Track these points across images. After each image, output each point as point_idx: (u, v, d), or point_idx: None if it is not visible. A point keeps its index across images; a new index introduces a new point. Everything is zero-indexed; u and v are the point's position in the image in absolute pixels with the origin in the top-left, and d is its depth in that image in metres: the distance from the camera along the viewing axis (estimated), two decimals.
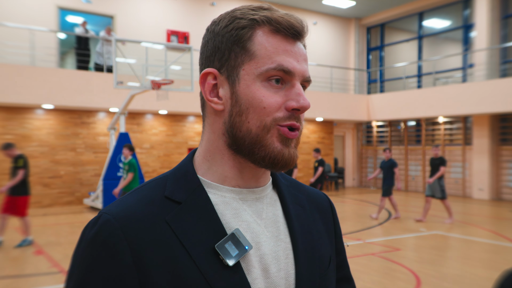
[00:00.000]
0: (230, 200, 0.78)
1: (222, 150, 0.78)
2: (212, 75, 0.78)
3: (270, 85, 0.74)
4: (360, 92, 17.59)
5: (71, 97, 10.70)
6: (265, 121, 0.74)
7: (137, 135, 12.63)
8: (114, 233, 0.69)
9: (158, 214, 0.73)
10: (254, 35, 0.75)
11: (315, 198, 0.93)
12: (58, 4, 12.17)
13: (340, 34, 17.67)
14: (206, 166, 0.80)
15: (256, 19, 0.75)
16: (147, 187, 0.78)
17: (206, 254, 0.71)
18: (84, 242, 0.72)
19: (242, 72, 0.75)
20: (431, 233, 8.30)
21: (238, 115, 0.75)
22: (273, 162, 0.75)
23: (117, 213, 0.72)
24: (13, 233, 8.13)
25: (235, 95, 0.75)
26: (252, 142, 0.75)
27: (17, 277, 5.45)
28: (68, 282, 0.72)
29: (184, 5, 14.15)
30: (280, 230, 0.81)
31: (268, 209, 0.81)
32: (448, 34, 16.15)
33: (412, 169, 15.67)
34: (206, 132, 0.81)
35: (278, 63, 0.74)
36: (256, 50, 0.74)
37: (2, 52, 11.08)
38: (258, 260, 0.75)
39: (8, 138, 10.98)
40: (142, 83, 9.40)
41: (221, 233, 0.73)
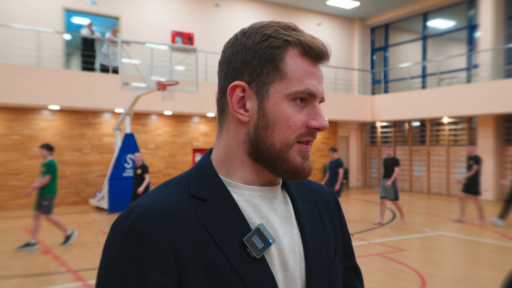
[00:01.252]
0: (250, 198, 0.83)
1: (241, 157, 0.84)
2: (241, 88, 0.82)
3: (295, 104, 0.81)
4: (364, 92, 17.59)
5: (77, 98, 10.78)
6: (289, 139, 0.81)
7: (142, 135, 12.70)
8: (152, 224, 0.73)
9: (188, 209, 0.77)
10: (286, 55, 0.80)
11: (320, 193, 0.99)
12: (64, 5, 12.25)
13: (344, 34, 17.68)
14: (225, 169, 0.85)
15: (290, 40, 0.80)
16: (171, 184, 0.82)
17: (235, 247, 0.77)
18: (119, 233, 0.74)
19: (272, 89, 0.80)
20: (436, 234, 8.31)
21: (264, 129, 0.80)
22: (295, 174, 0.83)
23: (150, 206, 0.75)
24: (21, 233, 8.21)
25: (262, 110, 0.80)
26: (275, 156, 0.81)
27: (25, 276, 5.51)
28: (105, 274, 0.73)
29: (188, 6, 14.20)
30: (293, 226, 0.87)
31: (281, 206, 0.88)
32: (452, 35, 16.13)
33: (416, 170, 15.66)
34: (224, 137, 0.85)
35: (306, 87, 0.80)
36: (288, 71, 0.80)
37: (9, 53, 11.17)
38: (277, 254, 0.81)
39: (15, 138, 11.08)
40: (148, 84, 9.46)
41: (246, 227, 0.79)
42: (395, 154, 16.42)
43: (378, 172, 17.04)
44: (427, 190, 15.16)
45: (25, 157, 11.16)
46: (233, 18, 14.93)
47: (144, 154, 12.43)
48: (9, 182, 10.92)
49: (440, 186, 14.73)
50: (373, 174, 17.18)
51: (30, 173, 11.16)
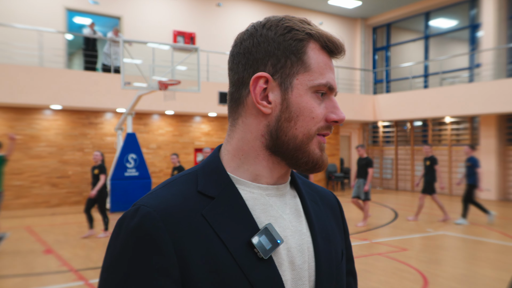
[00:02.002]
0: (258, 196, 0.82)
1: (257, 151, 0.82)
2: (264, 79, 0.80)
3: (317, 96, 0.81)
4: (366, 92, 17.57)
5: (79, 98, 10.79)
6: (311, 130, 0.81)
7: (144, 135, 12.70)
8: (157, 225, 0.72)
9: (194, 207, 0.76)
10: (308, 48, 0.81)
11: (325, 196, 0.98)
12: (66, 5, 12.26)
13: (346, 34, 17.65)
14: (236, 164, 0.83)
15: (312, 34, 0.81)
16: (179, 181, 0.81)
17: (242, 247, 0.75)
18: (124, 234, 0.73)
19: (296, 81, 0.80)
20: (438, 233, 8.29)
21: (286, 121, 0.80)
22: (315, 166, 0.83)
23: (156, 206, 0.74)
24: (23, 232, 8.22)
25: (286, 102, 0.80)
26: (296, 147, 0.81)
27: (27, 275, 5.52)
28: (109, 273, 0.73)
29: (190, 6, 14.20)
30: (302, 225, 0.86)
31: (290, 204, 0.86)
32: (454, 34, 16.09)
33: (418, 169, 15.62)
34: (239, 131, 0.84)
35: (327, 80, 0.81)
36: (311, 63, 0.81)
37: (11, 53, 11.19)
38: (285, 253, 0.80)
39: (17, 138, 11.09)
40: (149, 84, 9.46)
41: (254, 227, 0.78)
42: (397, 154, 16.40)
43: (380, 172, 17.02)
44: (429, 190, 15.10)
45: (27, 157, 11.17)
46: (235, 18, 14.93)
47: (145, 154, 12.44)
48: (11, 182, 10.93)
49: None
50: (375, 174, 17.15)
51: (32, 172, 11.18)
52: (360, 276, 5.50)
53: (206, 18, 14.39)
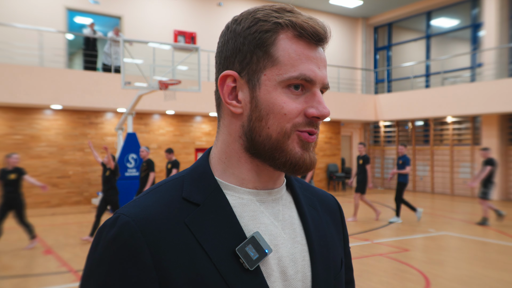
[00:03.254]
0: (247, 202, 0.77)
1: (238, 153, 0.77)
2: (231, 78, 0.76)
3: (290, 91, 0.74)
4: (368, 92, 17.53)
5: (79, 98, 10.76)
6: (285, 128, 0.74)
7: (144, 135, 12.68)
8: (135, 236, 0.68)
9: (176, 216, 0.71)
10: (277, 39, 0.74)
11: (325, 201, 0.92)
12: (66, 5, 12.24)
13: (347, 33, 17.61)
14: (222, 168, 0.79)
15: (280, 23, 0.74)
16: (164, 187, 0.77)
17: (226, 257, 0.70)
18: (103, 243, 0.70)
19: (263, 77, 0.74)
20: (440, 234, 8.25)
21: (257, 120, 0.74)
22: (295, 167, 0.75)
23: (136, 215, 0.70)
24: (22, 233, 8.20)
25: (255, 100, 0.74)
26: (272, 147, 0.74)
27: (26, 276, 5.49)
28: (86, 283, 0.70)
29: (191, 6, 14.18)
30: (296, 232, 0.80)
31: (284, 210, 0.81)
32: (456, 34, 16.04)
33: (420, 169, 15.58)
34: (221, 133, 0.80)
35: (300, 72, 0.73)
36: (279, 56, 0.73)
37: (11, 53, 11.17)
38: (276, 262, 0.75)
39: (17, 138, 11.07)
40: (150, 84, 9.43)
41: (240, 236, 0.73)
42: (398, 154, 16.33)
43: (381, 172, 16.97)
44: (430, 190, 15.08)
45: (28, 157, 11.15)
46: None
47: None
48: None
49: (444, 186, 14.65)
50: (377, 174, 17.11)
51: (33, 172, 11.15)
52: (361, 277, 5.47)
53: (207, 17, 14.36)
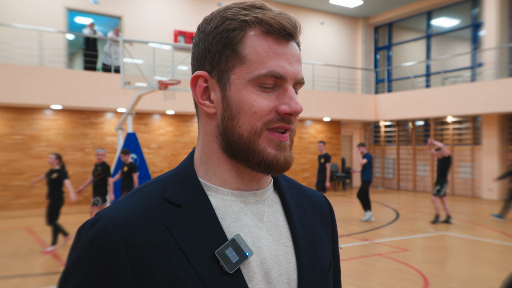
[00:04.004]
0: (231, 204, 0.76)
1: (217, 153, 0.77)
2: (203, 78, 0.76)
3: (261, 89, 0.73)
4: (368, 92, 17.51)
5: (79, 98, 10.77)
6: (256, 126, 0.73)
7: (144, 135, 12.68)
8: (112, 239, 0.67)
9: (157, 218, 0.71)
10: (245, 37, 0.73)
11: (315, 200, 0.91)
12: (67, 5, 12.25)
13: (348, 33, 17.60)
14: (204, 169, 0.78)
15: (247, 20, 0.73)
16: (147, 189, 0.76)
17: (206, 260, 0.69)
18: (81, 245, 0.69)
19: (233, 76, 0.73)
20: (439, 234, 8.24)
21: (230, 120, 0.74)
22: (269, 167, 0.74)
23: (115, 217, 0.70)
24: (22, 233, 8.21)
25: (226, 99, 0.74)
26: (245, 147, 0.74)
27: (25, 276, 5.49)
28: (63, 282, 0.70)
29: (191, 6, 14.18)
30: (281, 234, 0.79)
31: (269, 211, 0.80)
32: (456, 33, 16.03)
33: (420, 169, 15.57)
34: (201, 133, 0.80)
35: (269, 69, 0.72)
36: (247, 54, 0.73)
37: (11, 53, 11.18)
38: (259, 265, 0.74)
39: (17, 138, 11.08)
40: (149, 84, 9.43)
41: (221, 238, 0.72)
42: (399, 154, 16.34)
43: (381, 172, 16.96)
44: (431, 190, 15.06)
45: (28, 157, 11.16)
46: None
47: (146, 154, 12.42)
48: (12, 182, 10.93)
49: None
50: (377, 173, 17.10)
51: (33, 172, 11.16)
52: (360, 277, 5.46)
53: None
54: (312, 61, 15.78)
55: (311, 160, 15.47)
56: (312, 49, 16.47)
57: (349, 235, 8.10)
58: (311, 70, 15.38)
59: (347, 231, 8.48)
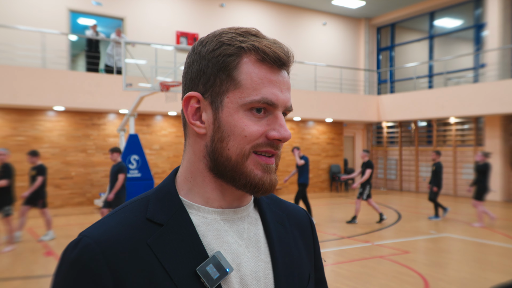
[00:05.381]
0: (212, 221, 0.78)
1: (203, 172, 0.79)
2: (195, 99, 0.78)
3: (252, 114, 0.76)
4: (370, 92, 17.49)
5: (82, 99, 10.80)
6: (244, 149, 0.75)
7: (146, 136, 12.71)
8: (95, 258, 0.69)
9: (139, 237, 0.72)
10: (240, 63, 0.75)
11: (295, 215, 0.93)
12: (69, 7, 12.29)
13: (350, 34, 17.58)
14: (187, 187, 0.80)
15: (244, 47, 0.75)
16: (129, 208, 0.78)
17: (187, 277, 0.71)
18: (65, 265, 0.71)
19: (226, 99, 0.76)
20: (442, 236, 8.22)
21: (219, 141, 0.76)
22: (254, 189, 0.77)
23: (98, 237, 0.71)
24: (24, 233, 8.24)
25: (217, 121, 0.76)
26: (232, 169, 0.76)
27: (27, 278, 5.52)
28: None
29: (193, 7, 14.20)
30: (260, 250, 0.81)
31: (250, 228, 0.82)
32: (459, 34, 15.98)
33: (423, 170, 15.53)
34: (187, 152, 0.82)
35: (262, 96, 0.75)
36: (242, 79, 0.75)
37: (14, 54, 11.22)
38: (238, 281, 0.76)
39: (20, 139, 11.12)
40: (152, 85, 9.45)
41: (202, 255, 0.74)
42: (401, 155, 16.30)
43: (384, 173, 16.93)
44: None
45: None
46: (238, 19, 14.90)
47: (148, 155, 12.45)
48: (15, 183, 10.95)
49: (447, 187, 14.58)
50: (379, 174, 17.07)
51: None
52: (360, 280, 5.46)
53: (209, 18, 14.37)
54: (314, 62, 15.77)
55: (314, 161, 15.45)
56: (314, 50, 16.46)
57: (350, 236, 8.09)
58: (313, 71, 15.37)
59: (348, 232, 8.47)
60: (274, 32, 15.59)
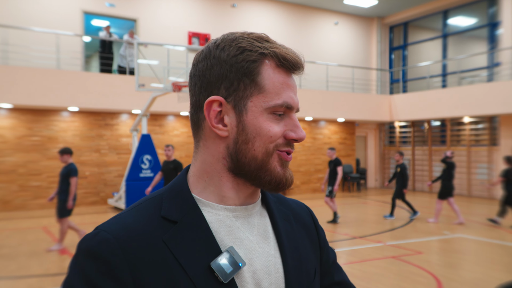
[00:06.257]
0: (224, 218, 0.81)
1: (220, 173, 0.82)
2: (217, 103, 0.80)
3: (274, 117, 0.80)
4: (383, 92, 17.38)
5: (95, 100, 10.94)
6: (269, 148, 0.80)
7: (159, 136, 12.81)
8: (114, 253, 0.71)
9: (155, 234, 0.75)
10: (262, 69, 0.79)
11: (299, 213, 0.97)
12: (83, 8, 12.45)
13: (362, 33, 17.49)
14: (202, 186, 0.83)
15: (265, 53, 0.79)
16: (144, 206, 0.80)
17: (202, 272, 0.74)
18: (82, 256, 0.73)
19: (250, 103, 0.79)
20: (455, 236, 8.14)
21: (244, 143, 0.79)
22: (278, 185, 0.81)
23: (116, 232, 0.74)
24: (40, 233, 8.37)
25: (242, 124, 0.79)
26: (258, 167, 0.80)
27: (42, 276, 5.61)
28: None
29: (205, 7, 14.26)
30: (270, 246, 0.84)
31: (259, 225, 0.85)
32: (473, 32, 15.79)
33: (436, 170, 15.37)
34: (201, 153, 0.84)
35: (284, 100, 0.80)
36: (265, 84, 0.79)
37: (29, 56, 11.40)
38: (251, 275, 0.79)
39: (35, 139, 11.30)
40: (164, 85, 9.53)
41: (216, 251, 0.77)
42: (414, 155, 16.17)
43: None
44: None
45: (45, 158, 11.37)
46: (250, 19, 14.94)
47: (161, 155, 12.54)
48: (30, 183, 11.15)
49: (461, 187, 14.43)
50: (391, 174, 16.93)
51: (50, 173, 11.37)
52: (372, 280, 5.44)
53: (221, 19, 14.43)
54: (326, 61, 15.73)
55: (325, 161, 15.42)
56: (326, 50, 16.42)
57: (362, 237, 8.07)
58: (325, 70, 15.33)
59: (360, 232, 8.44)
60: (286, 32, 15.58)
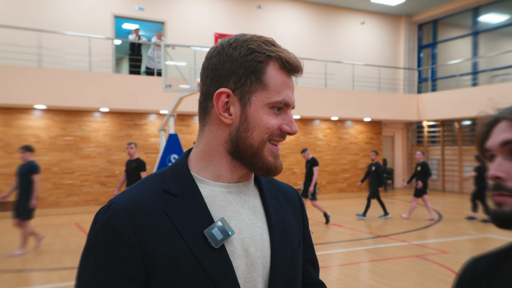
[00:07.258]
0: (218, 193, 0.94)
1: (221, 155, 0.95)
2: (225, 94, 0.93)
3: (273, 111, 0.93)
4: (410, 91, 17.12)
5: (125, 101, 11.27)
6: (264, 138, 0.93)
7: (186, 136, 13.05)
8: (122, 221, 0.85)
9: (158, 205, 0.89)
10: (267, 69, 0.92)
11: (287, 193, 1.10)
12: (114, 12, 12.84)
13: (389, 32, 17.29)
14: (202, 165, 0.96)
15: (271, 56, 0.93)
16: (149, 181, 0.94)
17: (197, 239, 0.87)
18: (98, 226, 0.87)
19: (253, 98, 0.92)
20: (483, 236, 8.00)
21: (244, 131, 0.92)
22: (269, 171, 0.95)
23: (124, 204, 0.87)
24: (73, 228, 8.71)
25: (245, 115, 0.92)
26: (253, 153, 0.93)
27: (73, 269, 5.86)
28: (85, 259, 0.87)
29: (231, 8, 14.45)
30: (258, 218, 0.98)
31: (249, 200, 0.98)
32: (505, 29, 15.37)
33: (467, 170, 15.04)
34: (205, 136, 0.97)
35: (283, 98, 0.93)
36: (269, 83, 0.92)
37: (63, 59, 11.86)
38: (240, 243, 0.92)
39: (68, 139, 11.73)
40: (190, 86, 9.72)
41: (209, 221, 0.90)
42: (443, 154, 15.86)
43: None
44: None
45: (78, 157, 11.79)
46: (275, 19, 15.03)
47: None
48: (63, 181, 11.58)
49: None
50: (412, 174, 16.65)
51: (82, 172, 11.78)
52: (394, 277, 5.44)
53: (246, 20, 14.58)
54: (352, 61, 15.64)
55: (351, 161, 15.34)
56: (352, 49, 16.32)
57: (386, 235, 8.03)
58: (351, 70, 15.25)
59: (385, 231, 8.39)
60: (312, 32, 15.59)
